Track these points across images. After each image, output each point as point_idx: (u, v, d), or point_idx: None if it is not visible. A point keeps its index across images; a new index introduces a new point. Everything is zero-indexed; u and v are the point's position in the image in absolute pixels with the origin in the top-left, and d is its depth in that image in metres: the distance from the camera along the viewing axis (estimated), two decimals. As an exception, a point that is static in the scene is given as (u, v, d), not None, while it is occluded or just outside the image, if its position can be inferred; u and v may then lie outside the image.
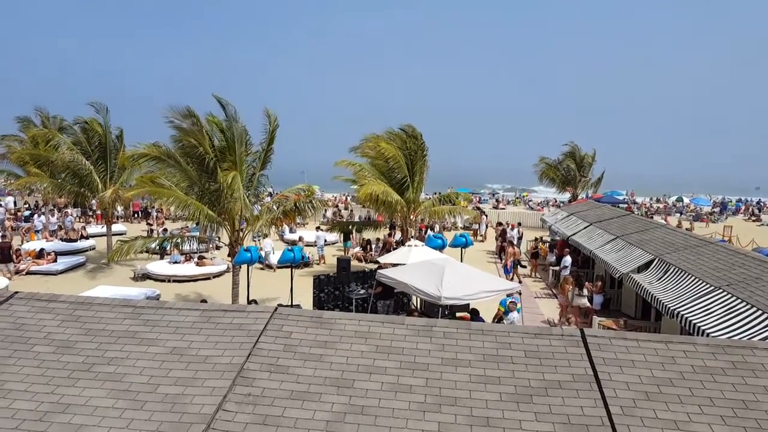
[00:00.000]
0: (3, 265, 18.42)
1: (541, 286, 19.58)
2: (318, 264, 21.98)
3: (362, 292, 14.28)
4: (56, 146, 20.54)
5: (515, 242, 22.97)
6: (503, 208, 42.45)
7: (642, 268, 13.16)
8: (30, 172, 23.99)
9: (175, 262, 19.55)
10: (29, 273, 18.88)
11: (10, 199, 34.18)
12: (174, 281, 18.52)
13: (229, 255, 15.79)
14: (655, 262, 12.89)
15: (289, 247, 15.05)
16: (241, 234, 14.98)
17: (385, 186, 18.47)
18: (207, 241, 18.70)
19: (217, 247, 22.86)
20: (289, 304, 14.04)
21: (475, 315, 12.22)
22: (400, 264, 13.72)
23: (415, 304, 14.93)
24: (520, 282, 18.54)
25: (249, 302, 12.99)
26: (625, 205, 39.87)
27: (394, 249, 18.70)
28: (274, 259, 19.74)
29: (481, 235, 29.39)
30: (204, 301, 14.02)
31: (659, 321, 13.10)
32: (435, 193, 31.25)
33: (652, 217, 34.55)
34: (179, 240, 15.40)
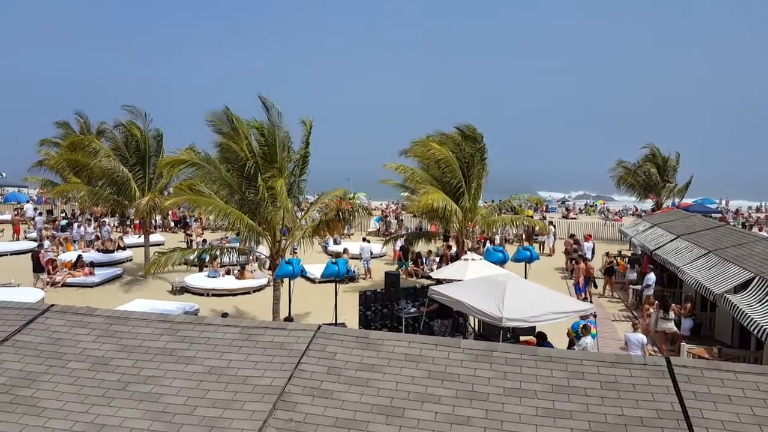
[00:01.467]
0: (35, 275, 19.43)
1: (620, 307, 18.94)
2: (364, 278, 22.13)
3: (413, 310, 14.23)
4: (94, 152, 21.59)
5: (588, 256, 22.33)
6: (574, 218, 41.49)
7: (739, 288, 12.51)
8: (67, 179, 25.34)
9: (213, 277, 20.13)
10: (65, 285, 19.93)
11: (29, 207, 36.16)
12: (213, 295, 19.10)
13: (269, 268, 16.12)
14: (755, 281, 12.22)
15: (333, 260, 15.22)
16: (282, 245, 15.29)
17: (442, 194, 18.40)
18: (247, 253, 19.17)
19: (257, 260, 23.38)
20: (333, 322, 14.17)
21: (542, 339, 11.96)
22: (456, 280, 13.61)
23: (472, 325, 14.76)
24: (590, 302, 18.03)
25: (286, 319, 13.21)
26: (719, 215, 38.09)
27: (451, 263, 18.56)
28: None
29: (549, 249, 28.79)
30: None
31: (760, 350, 12.40)
32: (493, 201, 30.92)
33: (751, 229, 32.82)
34: (218, 252, 15.86)
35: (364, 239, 24.51)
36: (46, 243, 23.79)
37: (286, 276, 13.86)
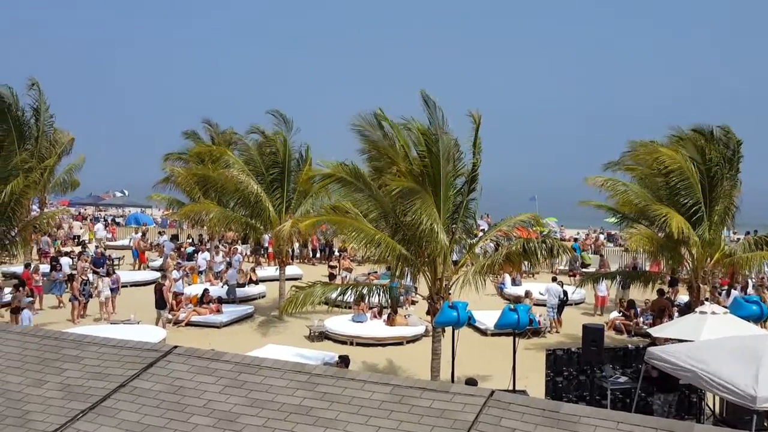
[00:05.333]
0: (158, 312, 21.44)
1: None
2: (553, 332, 21.65)
3: (623, 379, 13.87)
4: (226, 165, 23.50)
5: None
6: None
7: None
8: (195, 198, 27.92)
9: (359, 322, 20.86)
10: (189, 324, 21.87)
11: (99, 227, 41.52)
12: (357, 344, 19.82)
13: (428, 312, 16.34)
14: None
15: (512, 306, 15.05)
16: (446, 284, 15.43)
17: (682, 218, 17.33)
18: (401, 293, 19.65)
19: (413, 302, 23.78)
20: (511, 387, 13.99)
21: (818, 432, 10.84)
22: (687, 340, 13.00)
23: (710, 405, 14.09)
24: None
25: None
26: None
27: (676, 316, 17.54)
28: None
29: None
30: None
31: None
32: (748, 233, 28.59)
33: None
34: (366, 289, 16.39)
35: (554, 279, 23.86)
36: (176, 273, 25.89)
37: (448, 324, 13.96)
